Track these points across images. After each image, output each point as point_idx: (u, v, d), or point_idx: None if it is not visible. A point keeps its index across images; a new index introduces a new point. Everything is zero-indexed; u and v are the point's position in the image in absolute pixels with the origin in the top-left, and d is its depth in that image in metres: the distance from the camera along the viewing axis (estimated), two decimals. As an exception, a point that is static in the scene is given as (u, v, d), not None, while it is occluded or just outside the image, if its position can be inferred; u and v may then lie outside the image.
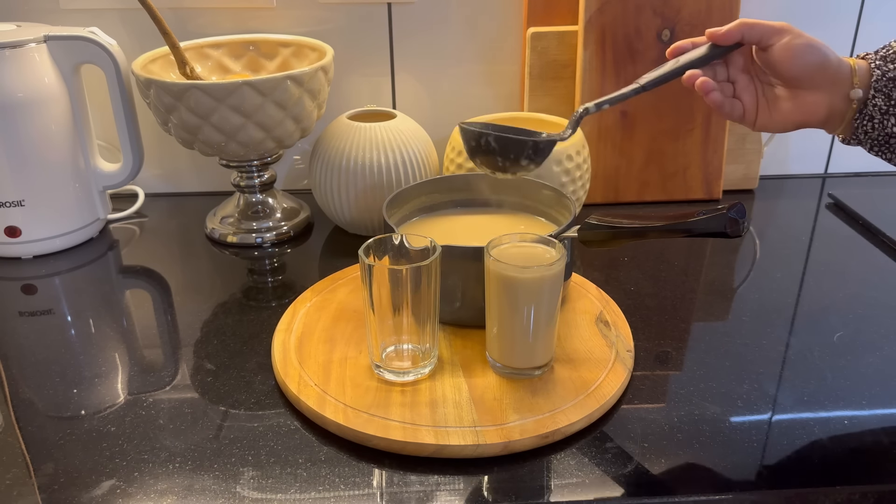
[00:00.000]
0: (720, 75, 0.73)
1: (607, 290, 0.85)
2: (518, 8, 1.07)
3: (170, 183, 1.15)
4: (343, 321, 0.79)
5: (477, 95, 1.12)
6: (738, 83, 0.73)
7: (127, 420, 0.68)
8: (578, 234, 0.71)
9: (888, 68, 0.68)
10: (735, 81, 0.73)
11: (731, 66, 0.73)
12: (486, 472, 0.62)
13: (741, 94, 0.73)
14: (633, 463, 0.63)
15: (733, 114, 0.73)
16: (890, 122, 0.69)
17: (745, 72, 0.73)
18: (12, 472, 0.62)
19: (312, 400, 0.67)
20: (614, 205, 1.09)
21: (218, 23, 1.05)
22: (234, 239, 1.00)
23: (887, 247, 0.97)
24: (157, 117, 0.94)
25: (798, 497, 0.60)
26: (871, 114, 0.69)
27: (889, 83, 0.68)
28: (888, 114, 0.68)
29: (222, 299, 0.87)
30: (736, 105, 0.73)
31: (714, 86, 0.71)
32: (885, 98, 0.68)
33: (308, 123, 0.96)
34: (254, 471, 0.62)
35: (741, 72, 0.73)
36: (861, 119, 0.70)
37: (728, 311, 0.85)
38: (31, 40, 0.90)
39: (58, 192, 0.96)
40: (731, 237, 0.63)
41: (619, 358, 0.73)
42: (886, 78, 0.68)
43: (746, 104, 0.73)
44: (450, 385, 0.70)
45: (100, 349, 0.79)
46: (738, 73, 0.73)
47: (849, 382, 0.72)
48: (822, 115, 0.70)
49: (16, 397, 0.71)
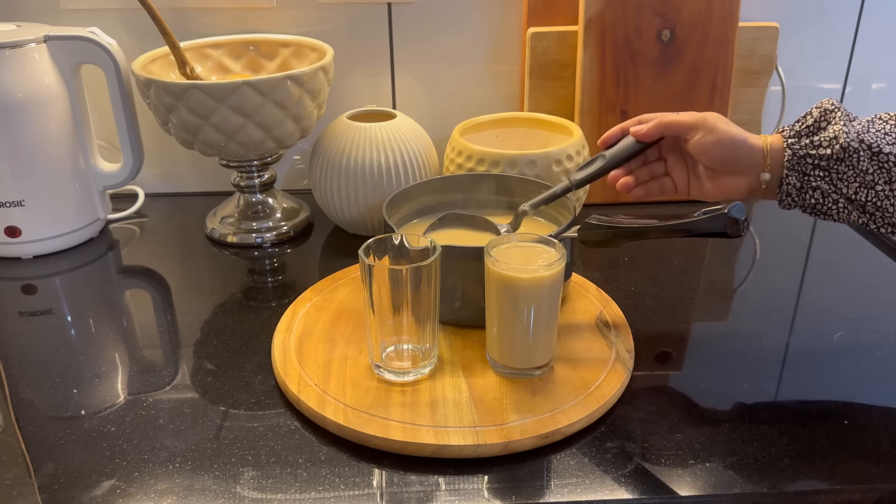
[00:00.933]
0: (651, 155, 0.77)
1: (607, 290, 0.85)
2: (518, 8, 1.07)
3: (170, 183, 1.15)
4: (343, 321, 0.79)
5: (477, 95, 1.12)
6: (668, 160, 0.77)
7: (127, 420, 0.68)
8: (578, 234, 0.71)
9: (800, 146, 0.71)
10: (666, 159, 0.77)
11: (662, 146, 0.77)
12: (486, 472, 0.62)
13: (672, 170, 0.77)
14: (633, 463, 0.63)
15: (663, 193, 0.77)
16: (808, 195, 0.72)
17: (675, 150, 0.77)
18: (12, 472, 0.62)
19: (312, 400, 0.67)
20: (614, 205, 1.09)
21: (218, 23, 1.05)
22: (234, 239, 1.00)
23: (887, 247, 0.97)
24: (157, 117, 0.94)
25: (798, 497, 0.60)
26: (788, 191, 0.72)
27: (801, 161, 0.71)
28: (803, 189, 0.71)
29: (222, 299, 0.87)
30: (666, 184, 0.77)
31: (634, 184, 0.76)
32: (799, 175, 0.71)
33: (308, 123, 0.96)
34: (254, 471, 0.62)
35: (671, 150, 0.77)
36: (781, 195, 0.73)
37: (728, 311, 0.85)
38: (31, 40, 0.90)
39: (58, 192, 0.96)
40: (731, 237, 0.63)
41: (619, 358, 0.73)
42: (797, 157, 0.71)
43: (677, 179, 0.77)
44: (450, 385, 0.70)
45: (100, 349, 0.79)
46: (668, 151, 0.77)
47: (849, 382, 0.72)
48: (742, 192, 0.74)
49: (16, 397, 0.71)
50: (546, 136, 1.00)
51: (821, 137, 0.70)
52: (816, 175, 0.71)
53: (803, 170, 0.71)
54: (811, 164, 0.70)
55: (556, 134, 0.99)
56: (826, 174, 0.70)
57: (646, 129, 0.74)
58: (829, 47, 1.13)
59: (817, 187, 0.71)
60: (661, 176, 0.77)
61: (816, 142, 0.70)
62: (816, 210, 0.73)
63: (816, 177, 0.71)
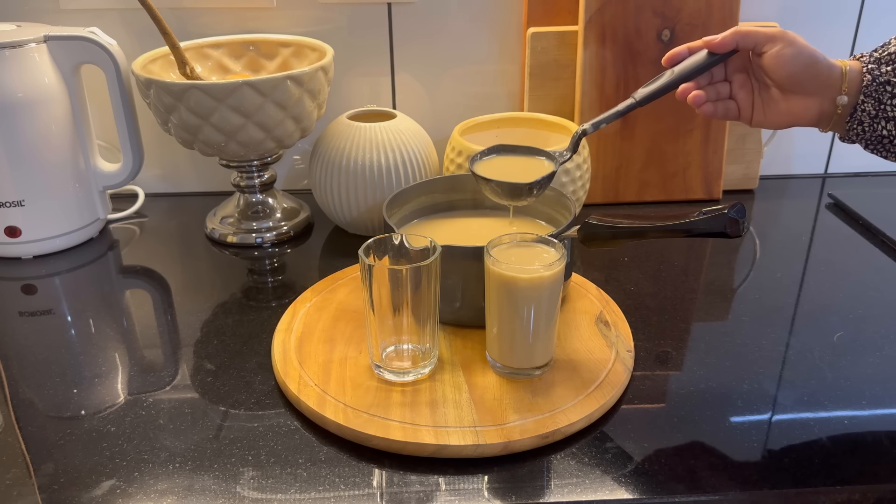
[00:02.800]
0: (717, 76, 0.75)
1: (607, 290, 0.85)
2: (518, 8, 1.07)
3: (170, 183, 1.15)
4: (343, 321, 0.79)
5: (477, 95, 1.12)
6: (734, 82, 0.75)
7: (127, 420, 0.68)
8: (578, 234, 0.71)
9: (880, 72, 0.69)
10: (732, 81, 0.75)
11: (729, 66, 0.75)
12: (486, 472, 0.62)
13: (737, 93, 0.74)
14: (633, 463, 0.63)
15: (728, 116, 0.75)
16: (880, 126, 0.69)
17: (743, 71, 0.74)
18: (12, 472, 0.62)
19: (312, 400, 0.67)
20: (614, 205, 1.09)
21: (218, 23, 1.05)
22: (234, 239, 1.00)
23: (887, 247, 0.97)
24: (157, 117, 0.94)
25: (798, 497, 0.60)
26: (861, 118, 0.70)
27: (880, 87, 0.69)
28: (877, 118, 0.69)
29: (222, 299, 0.87)
30: (731, 107, 0.74)
31: (705, 98, 0.73)
32: (876, 103, 0.69)
33: (308, 123, 0.96)
34: (254, 471, 0.62)
35: (738, 71, 0.74)
36: (852, 122, 0.71)
37: (728, 311, 0.85)
38: (31, 40, 0.90)
39: (58, 192, 0.96)
40: (731, 237, 0.63)
41: (619, 358, 0.73)
42: (877, 83, 0.69)
43: (741, 103, 0.74)
44: (450, 385, 0.70)
45: (100, 349, 0.79)
46: (735, 72, 0.75)
47: (849, 382, 0.72)
48: (812, 117, 0.72)
49: (16, 397, 0.71)
50: (546, 136, 1.00)
51: None
52: (893, 104, 0.68)
53: (880, 98, 0.68)
54: (889, 92, 0.68)
55: (556, 134, 0.99)
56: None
57: (720, 39, 0.71)
58: (830, 47, 1.12)
59: (892, 117, 0.68)
60: (726, 98, 0.75)
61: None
62: (883, 144, 0.70)
63: (893, 106, 0.68)
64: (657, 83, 0.74)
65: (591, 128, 0.76)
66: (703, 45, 0.72)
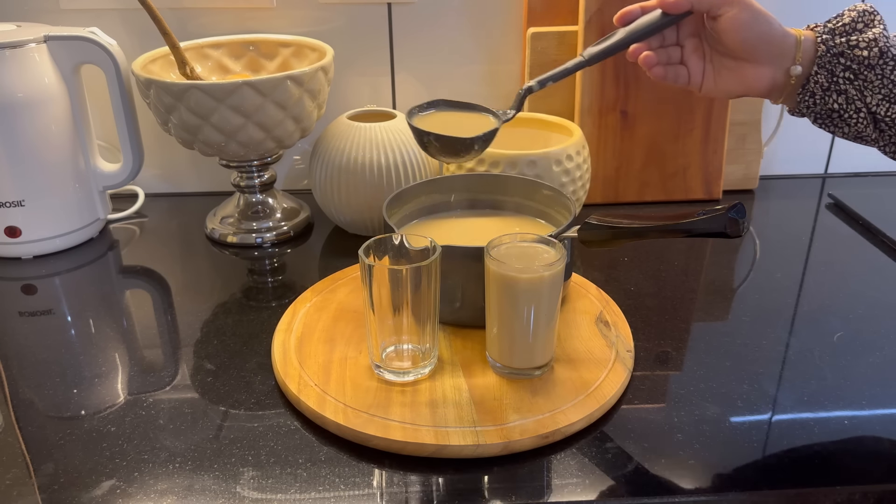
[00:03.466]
0: (669, 39, 0.72)
1: (607, 290, 0.85)
2: (518, 8, 1.07)
3: (170, 183, 1.15)
4: (343, 321, 0.79)
5: (477, 95, 1.12)
6: (686, 46, 0.72)
7: (127, 420, 0.68)
8: (578, 234, 0.71)
9: (834, 43, 0.67)
10: (684, 45, 0.72)
11: (682, 30, 0.72)
12: (486, 472, 0.62)
13: (688, 58, 0.72)
14: (633, 463, 0.63)
15: (678, 81, 0.72)
16: (831, 99, 0.68)
17: (695, 35, 0.72)
18: (12, 472, 0.62)
19: (312, 400, 0.67)
20: (614, 205, 1.09)
21: (218, 23, 1.05)
22: (234, 239, 1.00)
23: (887, 247, 0.97)
24: (157, 117, 0.94)
25: (798, 497, 0.60)
26: (813, 90, 0.68)
27: (833, 59, 0.67)
28: (829, 90, 0.68)
29: (222, 299, 0.87)
30: (681, 72, 0.72)
31: (656, 60, 0.70)
32: (828, 74, 0.67)
33: (308, 123, 0.96)
34: (254, 471, 0.62)
35: (691, 35, 0.72)
36: (804, 94, 0.69)
37: (728, 311, 0.85)
38: (31, 40, 0.90)
39: (58, 192, 0.96)
40: (731, 237, 0.63)
41: (619, 358, 0.73)
42: (831, 54, 0.67)
43: (692, 69, 0.72)
44: (450, 385, 0.70)
45: (100, 349, 0.79)
46: (687, 36, 0.72)
47: (849, 382, 0.72)
48: (764, 87, 0.70)
49: (16, 397, 0.71)
50: (546, 136, 1.00)
51: (858, 38, 0.66)
52: (846, 77, 0.67)
53: (833, 69, 0.67)
54: (843, 64, 0.67)
55: (556, 134, 0.99)
56: (854, 77, 0.66)
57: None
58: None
59: (843, 91, 0.67)
60: (677, 63, 0.72)
61: (853, 42, 0.66)
62: (832, 118, 0.69)
63: (845, 79, 0.67)
64: (607, 42, 0.71)
65: (536, 85, 0.73)
66: (656, 5, 0.69)
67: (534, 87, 0.73)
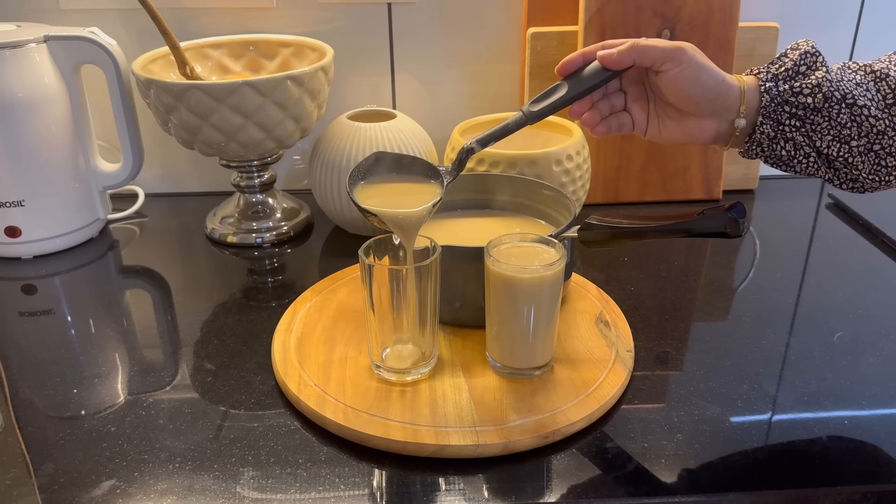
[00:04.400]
0: (612, 86, 0.70)
1: (607, 290, 0.85)
2: (518, 8, 1.07)
3: (170, 183, 1.15)
4: (343, 321, 0.79)
5: (477, 95, 1.12)
6: (629, 94, 0.71)
7: (127, 420, 0.68)
8: (578, 234, 0.71)
9: (778, 91, 0.66)
10: (627, 92, 0.71)
11: (625, 77, 0.70)
12: (486, 472, 0.62)
13: (631, 106, 0.71)
14: (633, 463, 0.63)
15: (622, 130, 0.71)
16: (779, 147, 0.67)
17: (639, 83, 0.70)
18: (12, 472, 0.62)
19: (312, 400, 0.67)
20: (614, 205, 1.09)
21: (218, 23, 1.05)
22: (234, 239, 1.00)
23: (887, 247, 0.97)
24: (157, 117, 0.94)
25: (798, 497, 0.60)
26: (760, 140, 0.67)
27: (778, 108, 0.66)
28: (776, 139, 0.67)
29: (222, 299, 0.87)
30: (624, 120, 0.71)
31: (598, 119, 0.69)
32: (774, 124, 0.66)
33: (308, 123, 0.96)
34: (254, 471, 0.62)
35: (634, 83, 0.71)
36: (751, 143, 0.68)
37: (728, 311, 0.85)
38: (31, 40, 0.90)
39: (58, 192, 0.96)
40: (731, 237, 0.63)
41: (619, 358, 0.73)
42: (775, 103, 0.66)
43: (636, 117, 0.71)
44: (450, 385, 0.70)
45: (100, 349, 0.79)
46: (630, 84, 0.71)
47: (849, 382, 0.72)
48: (709, 138, 0.69)
49: (16, 397, 0.71)
50: (546, 136, 1.00)
51: (802, 84, 0.64)
52: (792, 125, 0.65)
53: (779, 118, 0.65)
54: (788, 112, 0.65)
55: (556, 134, 0.99)
56: (801, 125, 0.65)
57: (617, 55, 0.65)
58: (830, 47, 1.12)
59: (791, 139, 0.66)
60: (620, 111, 0.70)
61: (797, 88, 0.64)
62: (782, 162, 0.68)
63: (792, 127, 0.65)
64: (549, 100, 0.69)
65: (477, 146, 0.71)
66: (598, 57, 0.67)
67: (475, 148, 0.71)
